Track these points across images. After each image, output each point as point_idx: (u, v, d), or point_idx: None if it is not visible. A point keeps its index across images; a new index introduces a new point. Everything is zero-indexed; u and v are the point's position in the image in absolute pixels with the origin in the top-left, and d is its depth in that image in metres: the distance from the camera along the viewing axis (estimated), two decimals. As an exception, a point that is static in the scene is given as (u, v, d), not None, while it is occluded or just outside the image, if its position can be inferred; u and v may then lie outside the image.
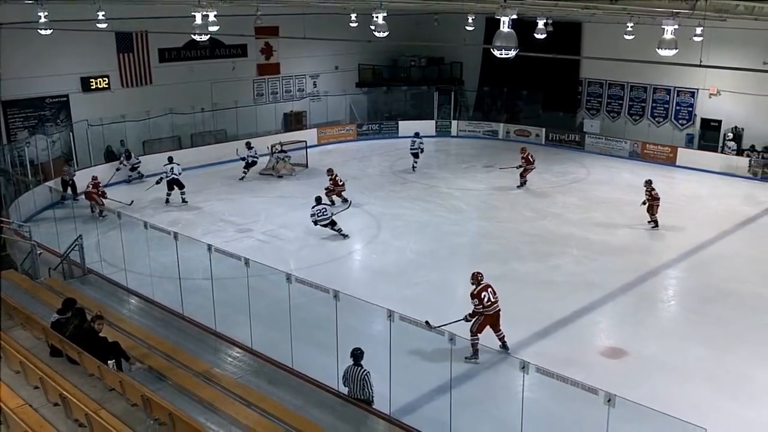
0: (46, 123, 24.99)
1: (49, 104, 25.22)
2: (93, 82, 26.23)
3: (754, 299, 15.77)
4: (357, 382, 10.31)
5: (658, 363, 12.93)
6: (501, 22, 9.68)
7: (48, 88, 24.86)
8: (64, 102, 25.56)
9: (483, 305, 12.53)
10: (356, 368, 10.33)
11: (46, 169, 23.26)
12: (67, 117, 25.54)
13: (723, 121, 28.29)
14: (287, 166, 26.37)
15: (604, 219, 21.42)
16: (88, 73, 26.04)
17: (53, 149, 24.19)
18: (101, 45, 25.42)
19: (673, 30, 13.98)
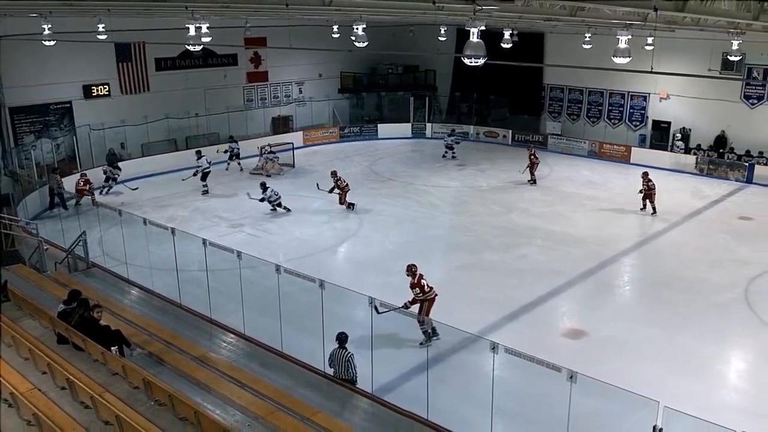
0: (51, 128, 24.76)
1: (54, 110, 24.98)
2: (94, 89, 26.02)
3: (701, 284, 15.96)
4: (341, 364, 10.34)
5: (615, 342, 13.06)
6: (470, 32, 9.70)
7: (52, 95, 24.64)
8: (67, 108, 25.33)
9: (424, 292, 12.56)
10: (341, 351, 10.37)
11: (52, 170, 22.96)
12: (71, 122, 25.32)
13: (672, 122, 28.55)
14: (276, 166, 26.28)
15: (566, 212, 21.55)
16: (90, 81, 25.81)
17: (58, 152, 23.95)
18: (102, 55, 25.21)
19: (627, 39, 14.08)
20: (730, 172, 25.76)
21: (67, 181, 22.01)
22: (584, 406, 8.66)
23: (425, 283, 12.68)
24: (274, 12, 18.76)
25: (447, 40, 27.13)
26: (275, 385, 10.08)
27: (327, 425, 8.94)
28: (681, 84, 27.12)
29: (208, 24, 15.66)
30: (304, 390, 10.12)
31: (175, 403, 8.62)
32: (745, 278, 16.18)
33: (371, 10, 16.32)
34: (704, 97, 27.01)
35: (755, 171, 25.23)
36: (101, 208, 17.39)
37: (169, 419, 8.63)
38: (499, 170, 27.05)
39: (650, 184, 21.13)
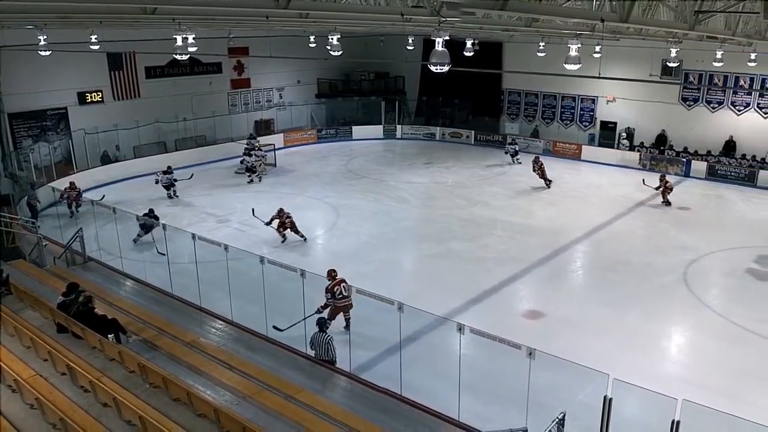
0: (48, 132, 24.26)
1: (50, 116, 24.48)
2: (88, 96, 25.53)
3: (645, 267, 16.19)
4: (322, 346, 10.37)
5: (569, 322, 13.20)
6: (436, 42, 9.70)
7: (49, 102, 24.14)
8: (63, 114, 24.83)
9: (335, 298, 11.92)
10: (321, 334, 10.41)
11: (49, 172, 22.59)
12: (66, 127, 24.83)
13: (618, 122, 28.89)
14: (261, 166, 25.91)
15: (524, 205, 21.71)
16: (84, 88, 25.32)
17: (55, 155, 23.48)
18: (95, 64, 24.74)
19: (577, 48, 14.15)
20: (669, 167, 26.13)
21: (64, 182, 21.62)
22: (542, 380, 8.76)
23: (340, 289, 11.91)
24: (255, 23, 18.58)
25: (414, 48, 27.15)
26: (261, 366, 10.05)
27: (310, 402, 8.94)
28: (625, 88, 27.45)
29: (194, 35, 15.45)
30: (287, 371, 10.09)
31: (168, 385, 8.55)
32: (684, 262, 16.46)
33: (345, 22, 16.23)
34: (646, 100, 27.41)
35: (692, 166, 25.66)
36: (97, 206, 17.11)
37: (164, 400, 8.57)
38: (463, 167, 27.15)
39: (668, 185, 21.46)
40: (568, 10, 11.48)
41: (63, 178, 22.28)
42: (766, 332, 12.74)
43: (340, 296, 12.00)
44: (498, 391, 10.35)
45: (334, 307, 12.02)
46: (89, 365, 9.23)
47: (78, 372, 8.71)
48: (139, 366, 9.04)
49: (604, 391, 7.69)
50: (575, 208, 21.53)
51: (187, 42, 15.19)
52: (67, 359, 8.99)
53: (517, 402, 8.77)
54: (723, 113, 26.05)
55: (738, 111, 25.68)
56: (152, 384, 8.91)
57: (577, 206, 21.71)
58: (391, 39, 29.50)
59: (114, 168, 24.88)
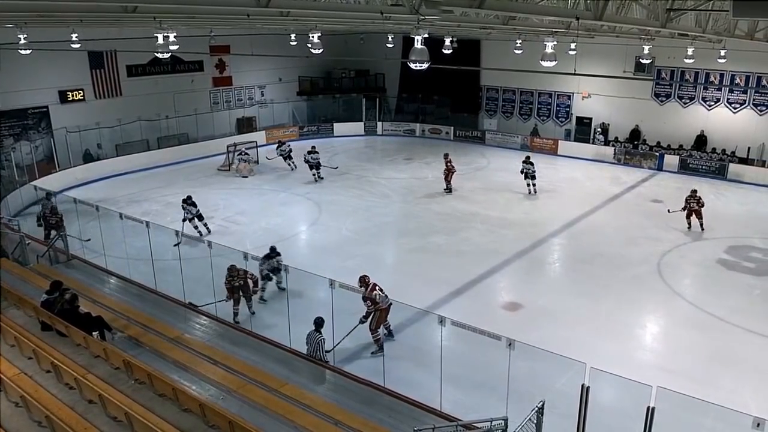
0: (30, 131, 23.91)
1: (32, 114, 24.12)
2: (70, 94, 25.19)
3: (618, 259, 16.36)
4: (313, 345, 10.32)
5: (547, 312, 13.31)
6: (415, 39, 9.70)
7: (30, 101, 23.78)
8: (44, 112, 24.47)
9: (375, 304, 11.40)
10: (316, 334, 10.34)
11: (31, 171, 22.26)
12: (48, 125, 24.48)
13: (593, 118, 29.11)
14: (247, 167, 25.60)
15: (502, 199, 21.80)
16: (65, 87, 24.98)
17: (36, 153, 23.13)
18: (76, 62, 24.38)
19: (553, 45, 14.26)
20: (643, 161, 26.42)
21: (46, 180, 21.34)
22: (522, 369, 8.83)
23: (378, 294, 11.47)
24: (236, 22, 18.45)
25: (394, 46, 27.15)
26: (245, 361, 10.03)
27: (295, 396, 8.93)
28: (600, 84, 27.70)
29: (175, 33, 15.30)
30: (272, 365, 10.08)
31: (154, 381, 8.49)
32: (658, 254, 16.66)
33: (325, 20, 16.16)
34: (620, 96, 27.64)
35: (665, 160, 25.95)
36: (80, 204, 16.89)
37: (149, 396, 8.51)
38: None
39: (700, 201, 18.13)
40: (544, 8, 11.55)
41: (45, 177, 22.00)
42: (734, 320, 12.95)
43: (380, 300, 11.50)
44: (479, 381, 10.41)
45: (378, 314, 11.46)
46: (74, 362, 9.13)
47: (63, 369, 8.62)
48: (124, 362, 8.97)
49: (581, 380, 7.77)
50: (552, 202, 21.68)
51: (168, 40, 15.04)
52: (51, 357, 8.89)
53: (498, 391, 8.84)
54: (694, 108, 26.35)
55: (709, 106, 26.00)
56: (137, 380, 8.84)
57: (554, 200, 21.85)
58: (372, 37, 29.47)
59: (96, 166, 24.57)
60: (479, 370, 10.56)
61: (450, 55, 22.10)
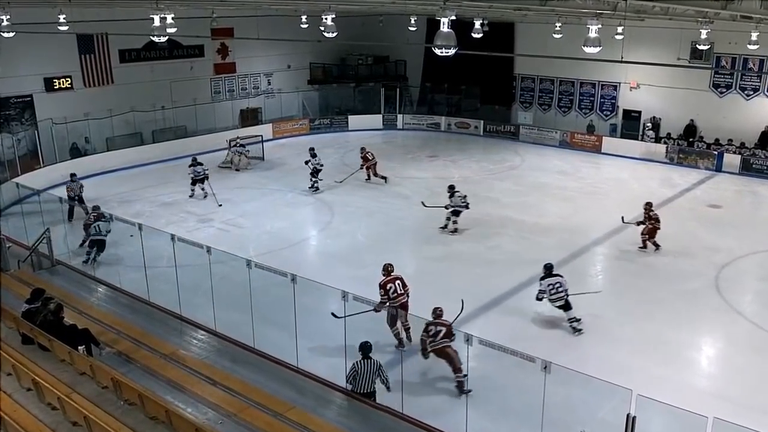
0: (12, 122, 24.22)
1: (14, 104, 24.44)
2: (56, 82, 25.51)
3: (671, 271, 16.20)
4: (369, 377, 9.67)
5: (588, 331, 13.17)
6: (441, 22, 9.71)
7: (12, 89, 24.08)
8: (28, 102, 24.81)
9: (389, 296, 12.02)
10: (367, 361, 9.76)
11: (13, 166, 22.55)
12: (32, 116, 24.81)
13: (642, 111, 28.90)
14: (244, 160, 25.95)
15: (537, 202, 21.72)
16: (52, 74, 25.31)
17: (19, 147, 23.45)
18: (63, 46, 24.72)
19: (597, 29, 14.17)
20: (699, 160, 26.16)
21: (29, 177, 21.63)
22: (558, 395, 8.76)
23: (393, 287, 12.07)
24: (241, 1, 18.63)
25: (417, 30, 27.11)
26: (247, 381, 10.04)
27: (301, 421, 8.93)
28: (651, 73, 27.44)
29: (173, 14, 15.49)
30: (276, 386, 10.08)
31: (145, 402, 8.54)
32: (715, 266, 16.46)
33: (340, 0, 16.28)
34: (674, 86, 27.38)
35: (724, 159, 25.66)
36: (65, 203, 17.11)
37: (140, 419, 8.56)
38: (471, 161, 27.16)
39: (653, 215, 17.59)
40: (587, -13, 11.50)
41: (28, 173, 22.28)
42: (805, 343, 12.77)
43: (394, 294, 12.06)
44: (510, 407, 10.35)
45: (393, 311, 11.88)
46: (58, 380, 9.22)
47: (45, 387, 8.70)
48: (112, 381, 9.03)
49: (626, 408, 7.68)
50: (594, 206, 21.54)
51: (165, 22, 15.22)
52: (32, 373, 8.98)
53: (531, 420, 8.77)
54: (759, 101, 26.04)
55: (775, 99, 25.73)
56: (127, 401, 8.90)
57: (596, 203, 21.72)
58: (392, 19, 29.51)
59: (84, 162, 24.76)
60: (510, 396, 10.49)
61: (480, 40, 22.10)
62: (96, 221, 16.14)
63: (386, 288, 12.02)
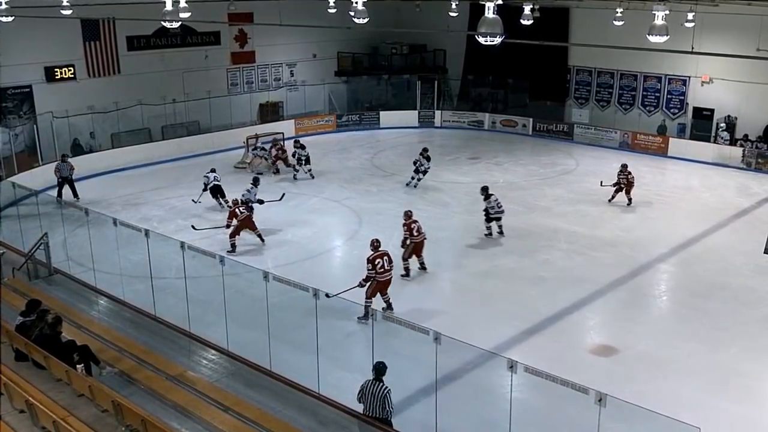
0: (9, 115, 24.66)
1: (11, 95, 24.91)
2: (58, 71, 25.98)
3: (746, 293, 15.93)
4: (377, 400, 9.74)
5: (650, 360, 13.04)
6: (486, 7, 9.69)
7: (9, 79, 24.50)
8: (27, 93, 25.28)
9: (376, 271, 13.63)
10: (376, 383, 9.78)
11: (9, 164, 22.98)
12: (31, 109, 25.26)
13: (716, 109, 28.55)
14: (263, 163, 26.05)
15: (594, 212, 21.54)
16: (53, 63, 25.77)
17: (16, 143, 23.89)
18: (66, 33, 25.15)
19: (664, 15, 14.06)
20: (780, 166, 25.83)
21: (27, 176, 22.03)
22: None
23: (381, 262, 13.71)
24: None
25: (459, 16, 27.09)
26: (262, 407, 10.08)
27: (321, 454, 8.94)
28: (726, 66, 27.07)
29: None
30: (294, 413, 10.11)
31: (148, 428, 8.60)
32: (798, 287, 16.18)
33: (373, -18, 16.34)
34: (752, 81, 26.97)
35: (810, 165, 25.26)
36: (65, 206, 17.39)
37: (142, 447, 8.64)
38: (518, 164, 27.06)
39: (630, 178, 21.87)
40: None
41: (26, 172, 22.68)
42: None
43: (381, 269, 13.69)
44: (558, 445, 10.27)
45: (375, 283, 13.71)
46: (53, 402, 9.32)
47: (39, 409, 8.81)
48: (113, 404, 9.12)
49: (693, 449, 7.58)
50: (658, 217, 21.29)
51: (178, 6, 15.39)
52: (26, 393, 9.10)
53: (582, 460, 8.69)
54: None
55: None
56: (129, 426, 8.98)
57: (661, 215, 21.46)
58: (430, 4, 29.53)
59: (87, 160, 25.16)
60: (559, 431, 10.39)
61: (530, 27, 21.99)
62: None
63: (374, 263, 13.65)
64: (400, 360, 11.78)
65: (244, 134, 27.49)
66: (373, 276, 13.70)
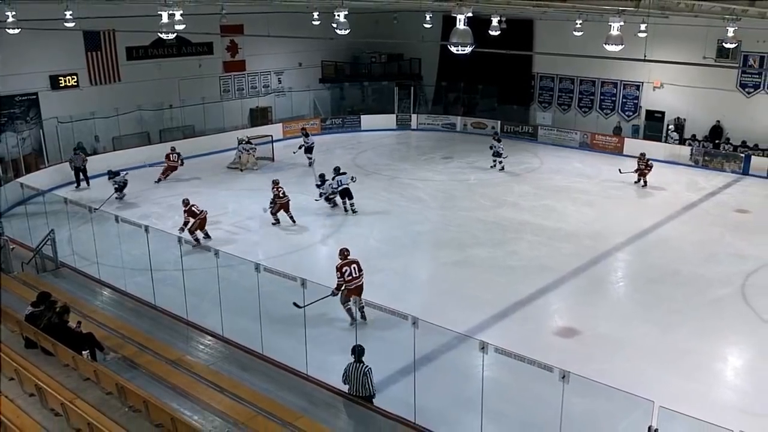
0: (16, 120, 24.42)
1: (19, 102, 24.65)
2: (62, 80, 25.72)
3: (696, 279, 16.09)
4: (358, 379, 9.93)
5: (609, 340, 13.15)
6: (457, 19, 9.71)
7: (17, 86, 24.28)
8: (33, 100, 25.02)
9: (344, 279, 12.96)
10: (357, 365, 9.95)
11: (17, 165, 22.77)
12: (37, 114, 25.02)
13: (666, 112, 28.75)
14: (251, 159, 26.01)
15: (557, 206, 21.64)
16: (57, 72, 25.52)
17: (24, 146, 23.67)
18: (69, 44, 24.91)
19: (619, 26, 14.14)
20: (726, 163, 25.98)
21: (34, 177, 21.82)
22: (577, 407, 8.72)
23: (349, 270, 13.07)
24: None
25: (432, 27, 27.11)
26: (255, 389, 10.07)
27: (310, 430, 8.94)
28: (675, 72, 27.26)
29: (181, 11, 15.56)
30: (285, 394, 10.11)
31: (150, 408, 8.58)
32: (742, 273, 16.33)
33: (353, -4, 16.30)
34: (699, 86, 27.19)
35: (752, 162, 25.45)
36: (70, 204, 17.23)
37: (145, 426, 8.60)
38: (488, 163, 27.11)
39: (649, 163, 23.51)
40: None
41: (33, 173, 22.46)
42: (837, 355, 12.64)
43: (349, 277, 12.99)
44: (526, 419, 10.33)
45: (346, 291, 12.95)
46: (61, 385, 9.28)
47: (48, 393, 8.76)
48: (117, 387, 9.08)
49: (648, 421, 7.64)
50: (616, 209, 21.45)
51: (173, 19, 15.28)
52: (36, 378, 9.04)
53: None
54: (788, 102, 25.87)
55: (806, 99, 25.52)
56: (132, 407, 8.94)
57: (619, 209, 21.62)
58: (406, 16, 29.53)
59: (90, 162, 24.93)
60: (527, 407, 10.47)
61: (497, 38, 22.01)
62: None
63: (342, 271, 13.00)
64: (382, 343, 11.81)
65: (236, 136, 27.40)
66: (342, 283, 12.94)
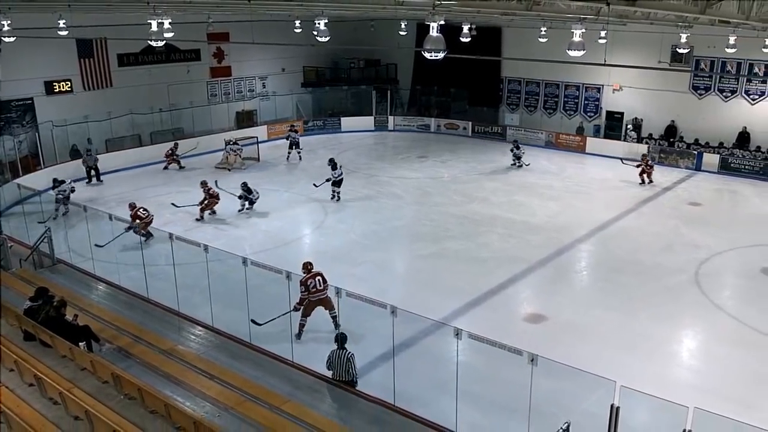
0: (13, 124, 24.08)
1: (15, 107, 24.28)
2: (56, 85, 25.37)
3: (653, 267, 16.26)
4: (342, 365, 9.98)
5: (574, 326, 13.25)
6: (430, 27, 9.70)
7: (13, 92, 23.88)
8: (29, 105, 24.65)
9: (309, 292, 12.05)
10: (340, 351, 10.00)
11: (14, 167, 22.44)
12: (33, 119, 24.67)
13: (625, 113, 28.97)
14: (238, 159, 25.92)
15: (525, 201, 21.76)
16: (52, 78, 25.17)
17: (20, 149, 23.34)
18: (63, 51, 24.57)
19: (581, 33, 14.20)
20: (680, 160, 26.27)
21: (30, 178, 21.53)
22: (545, 387, 8.78)
23: (314, 282, 12.09)
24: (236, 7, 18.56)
25: (407, 34, 27.15)
26: (244, 375, 10.06)
27: (297, 414, 8.94)
28: (633, 76, 27.57)
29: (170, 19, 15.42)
30: (272, 380, 10.10)
31: (144, 396, 8.53)
32: (696, 261, 16.55)
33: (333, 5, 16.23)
34: (655, 89, 27.51)
35: (704, 159, 25.77)
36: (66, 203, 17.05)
37: (140, 412, 8.55)
38: (460, 161, 27.21)
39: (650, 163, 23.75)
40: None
41: (29, 174, 22.17)
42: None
43: (314, 289, 12.07)
44: (498, 399, 10.38)
45: (309, 302, 12.11)
46: (59, 375, 9.19)
47: (47, 383, 8.68)
48: (112, 376, 9.01)
49: (610, 399, 7.72)
50: (579, 204, 21.61)
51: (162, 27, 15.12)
52: (35, 369, 8.96)
53: (519, 411, 8.80)
54: (736, 102, 26.17)
55: (752, 100, 25.82)
56: (127, 395, 8.88)
57: (582, 202, 21.79)
58: (383, 24, 29.50)
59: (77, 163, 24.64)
60: (499, 388, 10.52)
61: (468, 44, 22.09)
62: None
63: (307, 284, 12.02)
64: (363, 331, 11.83)
65: (223, 138, 27.20)
66: (306, 297, 12.04)
